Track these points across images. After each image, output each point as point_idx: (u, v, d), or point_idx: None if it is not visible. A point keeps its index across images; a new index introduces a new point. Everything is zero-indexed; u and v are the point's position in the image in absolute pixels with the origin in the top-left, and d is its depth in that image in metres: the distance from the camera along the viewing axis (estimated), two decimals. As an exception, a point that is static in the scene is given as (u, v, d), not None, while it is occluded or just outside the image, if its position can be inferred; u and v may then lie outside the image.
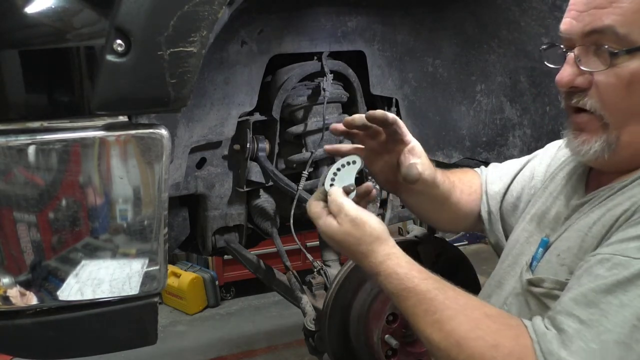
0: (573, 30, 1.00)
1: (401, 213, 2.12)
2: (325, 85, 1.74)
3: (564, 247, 1.04)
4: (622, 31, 0.93)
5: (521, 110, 1.99)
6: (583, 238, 1.00)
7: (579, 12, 0.99)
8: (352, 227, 1.08)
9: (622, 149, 1.00)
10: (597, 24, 0.95)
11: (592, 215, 1.02)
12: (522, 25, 1.80)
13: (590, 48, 0.98)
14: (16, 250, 1.16)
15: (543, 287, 1.05)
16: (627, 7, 0.93)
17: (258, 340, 3.83)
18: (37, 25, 1.10)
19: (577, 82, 1.00)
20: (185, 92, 1.11)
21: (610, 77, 0.96)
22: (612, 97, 0.97)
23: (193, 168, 1.79)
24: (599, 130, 1.00)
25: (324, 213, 1.12)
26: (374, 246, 1.07)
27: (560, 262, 1.03)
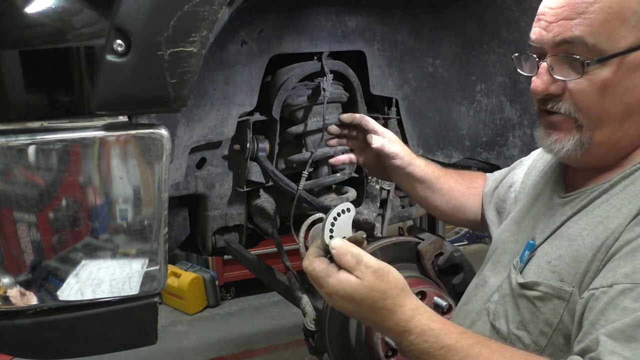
0: (543, 40, 1.04)
1: (401, 213, 2.12)
2: (325, 85, 1.73)
3: (555, 255, 1.04)
4: (591, 41, 0.97)
5: (521, 110, 1.99)
6: (576, 249, 1.01)
7: (548, 22, 1.03)
8: (376, 280, 0.96)
9: (594, 149, 1.03)
10: (566, 34, 0.99)
11: (580, 223, 1.03)
12: (522, 25, 1.80)
13: (561, 56, 1.01)
14: (16, 250, 1.16)
15: (538, 290, 1.04)
16: (595, 17, 0.96)
17: (258, 340, 3.83)
18: (37, 25, 1.10)
19: (551, 89, 1.04)
20: (185, 92, 1.11)
21: (583, 84, 1.00)
22: (586, 102, 1.01)
23: (193, 168, 1.78)
24: (572, 130, 1.04)
25: (333, 269, 0.98)
26: (400, 299, 0.97)
27: (551, 268, 1.03)
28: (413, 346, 0.96)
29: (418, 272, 1.64)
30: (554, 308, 1.01)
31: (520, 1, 1.76)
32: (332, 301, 1.01)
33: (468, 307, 1.26)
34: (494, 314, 1.13)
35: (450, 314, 1.52)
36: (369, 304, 0.97)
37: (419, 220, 4.16)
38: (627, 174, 1.01)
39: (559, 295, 1.01)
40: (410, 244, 1.65)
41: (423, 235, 1.68)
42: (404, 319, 0.96)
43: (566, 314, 1.00)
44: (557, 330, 1.01)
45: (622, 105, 1.00)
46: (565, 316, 1.00)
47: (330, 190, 1.90)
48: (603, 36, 0.97)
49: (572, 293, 0.99)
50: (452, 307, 1.52)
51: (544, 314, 1.03)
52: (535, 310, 1.04)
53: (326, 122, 1.77)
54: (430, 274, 1.62)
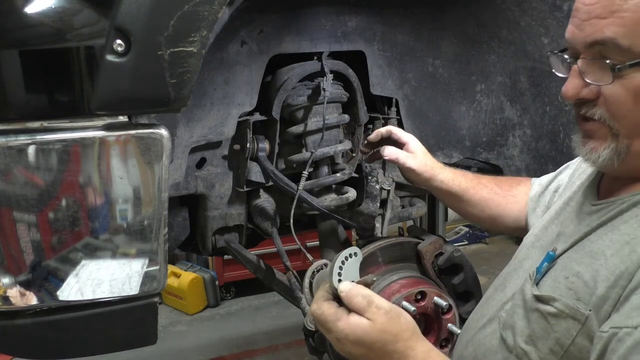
0: (576, 40, 0.95)
1: (401, 213, 2.12)
2: (325, 85, 1.73)
3: (574, 271, 0.97)
4: (625, 43, 0.88)
5: (521, 110, 1.99)
6: (597, 268, 0.93)
7: (580, 20, 0.93)
8: (388, 321, 0.94)
9: (632, 159, 0.95)
10: (598, 35, 0.90)
11: (605, 240, 0.96)
12: (522, 25, 1.80)
13: (594, 61, 0.93)
14: (16, 250, 1.16)
15: (553, 306, 0.97)
16: (629, 17, 0.87)
17: (258, 340, 3.83)
18: (37, 25, 1.10)
19: (583, 93, 0.96)
20: (185, 92, 1.11)
21: (617, 89, 0.91)
22: (620, 108, 0.92)
23: (193, 168, 1.78)
24: (608, 139, 0.96)
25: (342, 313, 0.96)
26: (411, 342, 0.95)
27: (568, 285, 0.97)
28: None
29: (418, 272, 1.64)
30: (567, 328, 0.95)
31: (521, 1, 1.75)
32: (340, 347, 0.98)
33: (483, 310, 1.20)
34: (503, 323, 1.08)
35: (450, 313, 1.52)
36: (380, 347, 0.94)
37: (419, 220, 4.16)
38: None
39: (574, 316, 0.94)
40: (410, 244, 1.65)
41: (423, 235, 1.68)
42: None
43: (580, 337, 0.93)
44: (569, 352, 0.95)
45: None
46: (579, 339, 0.93)
47: (330, 190, 1.90)
48: (638, 37, 0.87)
49: (588, 317, 0.92)
50: (452, 307, 1.52)
51: (556, 332, 0.96)
52: (547, 327, 0.98)
53: (326, 122, 1.77)
54: (430, 274, 1.62)
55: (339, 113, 1.86)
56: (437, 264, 1.62)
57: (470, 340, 1.16)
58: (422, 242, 1.63)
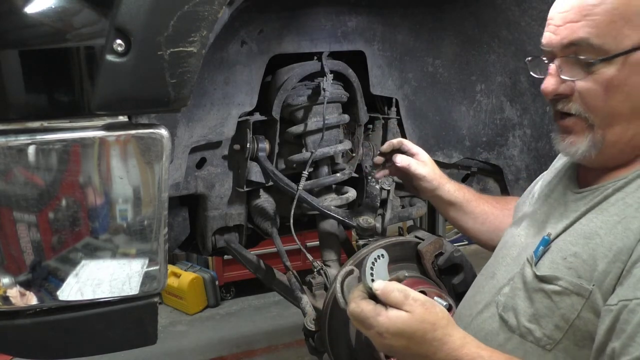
0: (552, 44, 1.07)
1: (401, 213, 2.12)
2: (325, 85, 1.73)
3: (571, 252, 1.05)
4: (597, 42, 1.01)
5: (521, 110, 1.99)
6: (594, 247, 1.01)
7: (556, 26, 1.06)
8: (425, 312, 1.01)
9: (607, 148, 1.06)
10: (573, 37, 1.03)
11: (596, 221, 1.05)
12: (522, 25, 1.80)
13: (569, 58, 1.05)
14: (16, 250, 1.16)
15: (558, 285, 1.05)
16: (600, 19, 1.00)
17: (258, 340, 3.83)
18: (37, 25, 1.10)
19: (560, 89, 1.07)
20: (185, 92, 1.11)
21: (589, 83, 1.03)
22: (594, 100, 1.04)
23: (193, 168, 1.78)
24: (585, 131, 1.07)
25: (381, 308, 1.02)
26: (448, 329, 1.02)
27: (567, 265, 1.04)
28: None
29: (418, 272, 1.64)
30: (572, 304, 1.02)
31: (521, 1, 1.76)
32: (382, 340, 1.03)
33: (476, 298, 1.27)
34: (504, 306, 1.15)
35: (451, 313, 1.52)
36: (420, 336, 1.00)
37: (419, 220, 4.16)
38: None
39: (579, 292, 1.01)
40: (410, 244, 1.65)
41: (423, 235, 1.68)
42: (455, 348, 1.00)
43: (585, 311, 1.00)
44: (574, 326, 1.02)
45: (629, 103, 1.02)
46: (584, 313, 1.01)
47: (330, 190, 1.90)
48: (609, 37, 1.00)
49: (591, 291, 0.99)
50: (453, 306, 1.52)
51: (560, 309, 1.04)
52: (551, 305, 1.05)
53: (326, 122, 1.77)
54: (430, 274, 1.62)
55: (339, 113, 1.86)
56: (437, 264, 1.62)
57: (468, 326, 1.22)
58: (422, 242, 1.64)
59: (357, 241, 1.83)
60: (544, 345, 1.06)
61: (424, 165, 1.55)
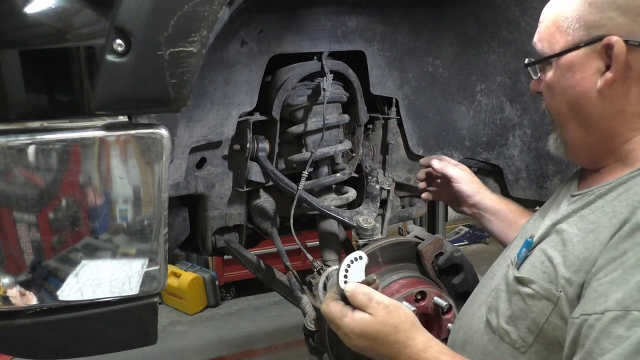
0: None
1: (401, 213, 2.12)
2: (325, 85, 1.73)
3: (548, 256, 1.05)
4: (539, 47, 1.11)
5: (521, 110, 1.99)
6: (565, 254, 1.01)
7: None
8: (387, 315, 1.05)
9: (571, 146, 1.12)
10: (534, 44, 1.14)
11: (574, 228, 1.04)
12: (522, 25, 1.80)
13: None
14: (16, 250, 1.16)
15: (531, 288, 1.05)
16: (544, 25, 1.10)
17: (258, 340, 3.83)
18: (37, 25, 1.10)
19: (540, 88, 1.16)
20: (185, 92, 1.11)
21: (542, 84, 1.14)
22: (546, 100, 1.14)
23: (193, 168, 1.78)
24: (553, 129, 1.16)
25: (348, 310, 1.08)
26: (411, 333, 1.05)
27: (543, 269, 1.05)
28: None
29: (418, 272, 1.64)
30: (542, 308, 1.03)
31: (521, 1, 1.76)
32: (349, 341, 1.09)
33: (475, 297, 1.28)
34: (489, 307, 1.16)
35: (451, 313, 1.52)
36: (383, 338, 1.04)
37: (419, 220, 4.16)
38: (625, 179, 1.01)
39: (548, 297, 1.02)
40: (410, 244, 1.65)
41: (423, 235, 1.68)
42: (416, 352, 1.03)
43: (553, 316, 1.01)
44: (543, 330, 1.02)
45: (565, 103, 1.08)
46: (552, 318, 1.01)
47: (330, 190, 1.90)
48: (545, 42, 1.10)
49: (559, 297, 0.99)
50: (452, 307, 1.52)
51: (532, 312, 1.04)
52: (525, 307, 1.06)
53: (326, 122, 1.77)
54: (430, 274, 1.62)
55: (339, 113, 1.86)
56: (437, 264, 1.62)
57: (462, 325, 1.24)
58: (422, 242, 1.63)
59: (357, 241, 1.83)
60: (518, 347, 1.06)
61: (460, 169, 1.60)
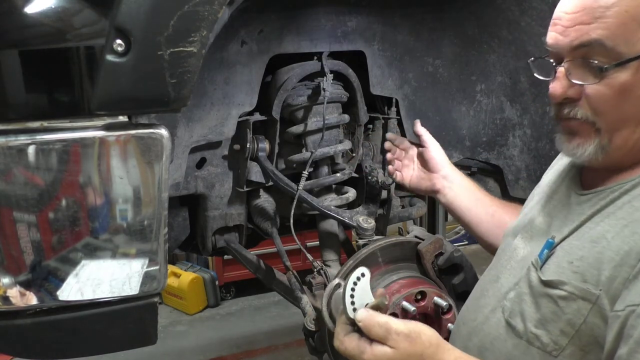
0: (559, 45, 1.04)
1: (401, 213, 2.12)
2: (325, 85, 1.73)
3: (577, 256, 1.03)
4: (609, 44, 0.98)
5: (521, 110, 1.99)
6: (600, 251, 0.99)
7: (564, 27, 1.03)
8: (410, 345, 0.98)
9: (614, 151, 1.04)
10: (584, 38, 1.00)
11: (603, 225, 1.02)
12: (522, 25, 1.79)
13: (578, 61, 1.02)
14: (16, 250, 1.16)
15: (563, 289, 1.02)
16: (612, 21, 0.97)
17: (258, 340, 3.83)
18: (37, 25, 1.10)
19: (569, 93, 1.04)
20: (185, 92, 1.11)
21: (601, 88, 1.00)
22: (604, 106, 1.01)
23: (193, 168, 1.78)
24: (592, 134, 1.05)
25: (365, 345, 1.00)
26: (438, 355, 1.00)
27: (574, 269, 1.02)
28: None
29: (418, 272, 1.64)
30: (578, 309, 1.00)
31: (521, 1, 1.75)
32: None
33: (480, 302, 1.25)
34: (510, 311, 1.12)
35: (451, 313, 1.52)
36: None
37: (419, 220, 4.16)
38: None
39: (585, 297, 0.99)
40: (410, 244, 1.65)
41: (423, 235, 1.68)
42: None
43: (591, 316, 0.98)
44: (580, 331, 1.00)
45: None
46: (590, 317, 0.99)
47: (330, 190, 1.90)
48: (621, 39, 0.97)
49: (598, 296, 0.97)
50: (452, 307, 1.52)
51: (566, 314, 1.02)
52: (557, 310, 1.03)
53: (326, 122, 1.77)
54: (430, 274, 1.62)
55: (339, 113, 1.86)
56: (437, 264, 1.62)
57: (474, 331, 1.20)
58: (422, 242, 1.63)
59: (357, 241, 1.83)
60: (550, 351, 1.04)
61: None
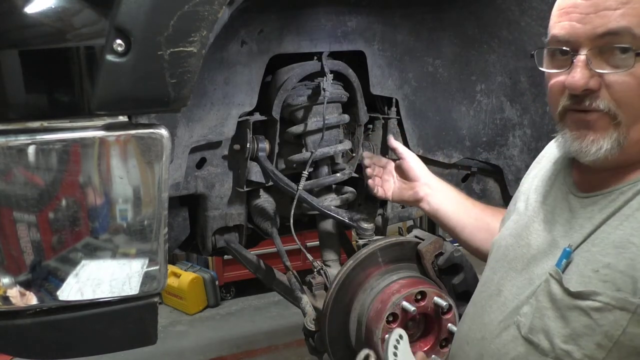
0: (578, 33, 0.97)
1: (401, 213, 2.12)
2: (325, 85, 1.73)
3: (603, 263, 0.96)
4: (639, 32, 0.92)
5: (521, 110, 1.99)
6: (631, 257, 0.93)
7: (583, 14, 0.96)
8: None
9: (629, 147, 0.98)
10: (611, 25, 0.93)
11: (624, 229, 0.96)
12: (522, 25, 1.80)
13: (602, 49, 0.95)
14: (16, 250, 1.16)
15: (597, 300, 0.95)
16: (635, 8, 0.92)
17: (258, 340, 3.83)
18: (37, 25, 1.10)
19: (591, 84, 0.97)
20: (185, 92, 1.11)
21: (626, 76, 0.94)
22: (629, 96, 0.95)
23: (193, 168, 1.78)
24: (609, 128, 0.98)
25: None
26: None
27: (602, 278, 0.96)
28: None
29: (418, 272, 1.64)
30: (615, 320, 0.94)
31: (521, 1, 1.75)
32: None
33: (485, 319, 1.16)
34: (530, 328, 1.04)
35: (451, 313, 1.52)
36: None
37: (419, 220, 4.16)
38: None
39: (623, 307, 0.93)
40: (410, 244, 1.65)
41: (423, 235, 1.68)
42: None
43: (631, 326, 0.92)
44: (619, 343, 0.94)
45: None
46: (630, 328, 0.93)
47: (330, 190, 1.90)
48: None
49: (638, 305, 0.91)
50: (452, 307, 1.52)
51: (602, 326, 0.95)
52: (591, 322, 0.96)
53: (326, 122, 1.77)
54: (430, 274, 1.62)
55: (339, 113, 1.86)
56: (437, 264, 1.62)
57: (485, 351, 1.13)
58: (422, 242, 1.63)
59: (357, 241, 1.83)
60: None
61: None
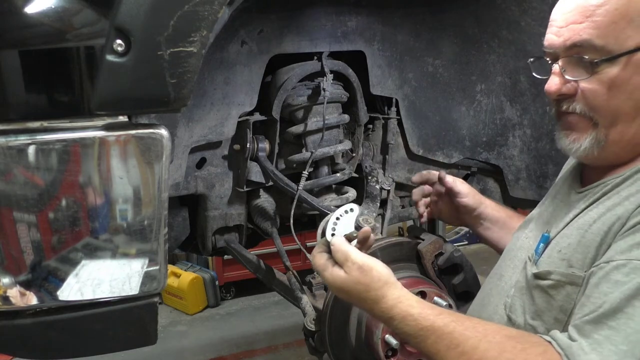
0: (555, 45, 1.09)
1: (401, 213, 2.12)
2: (325, 85, 1.73)
3: (565, 244, 1.09)
4: (599, 43, 1.03)
5: (521, 110, 1.99)
6: (583, 234, 1.06)
7: (558, 27, 1.08)
8: (360, 275, 1.10)
9: (610, 146, 1.09)
10: (575, 38, 1.05)
11: (591, 213, 1.08)
12: (522, 25, 1.80)
13: (572, 59, 1.07)
14: (16, 250, 1.16)
15: (550, 279, 1.08)
16: (601, 20, 1.02)
17: (258, 340, 3.83)
18: (37, 25, 1.10)
19: (564, 90, 1.10)
20: (185, 92, 1.11)
21: (593, 83, 1.06)
22: (597, 100, 1.06)
23: (193, 168, 1.79)
24: (589, 129, 1.09)
25: (329, 264, 1.15)
26: (383, 291, 1.09)
27: (561, 257, 1.08)
28: (398, 330, 1.08)
29: (418, 272, 1.64)
30: (567, 294, 1.05)
31: (521, 1, 1.76)
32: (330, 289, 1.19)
33: (485, 301, 1.31)
34: (511, 306, 1.18)
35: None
36: (356, 295, 1.12)
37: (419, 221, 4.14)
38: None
39: (572, 281, 1.04)
40: (410, 244, 1.65)
41: (423, 235, 1.68)
42: (387, 308, 1.09)
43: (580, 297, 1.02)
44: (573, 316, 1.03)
45: (632, 102, 1.05)
46: None
47: (330, 190, 1.90)
48: (611, 37, 1.02)
49: (584, 277, 1.02)
50: (453, 306, 1.52)
51: (557, 301, 1.07)
52: (549, 299, 1.08)
53: (326, 122, 1.77)
54: (430, 274, 1.62)
55: (339, 113, 1.86)
56: (437, 264, 1.62)
57: None
58: (422, 242, 1.63)
59: (357, 241, 1.83)
60: None
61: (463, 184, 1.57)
